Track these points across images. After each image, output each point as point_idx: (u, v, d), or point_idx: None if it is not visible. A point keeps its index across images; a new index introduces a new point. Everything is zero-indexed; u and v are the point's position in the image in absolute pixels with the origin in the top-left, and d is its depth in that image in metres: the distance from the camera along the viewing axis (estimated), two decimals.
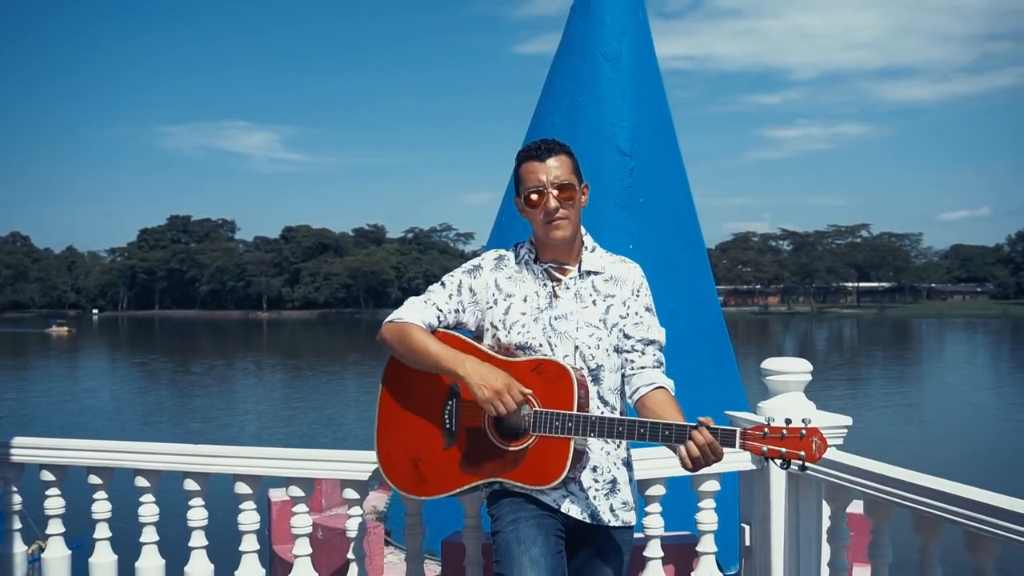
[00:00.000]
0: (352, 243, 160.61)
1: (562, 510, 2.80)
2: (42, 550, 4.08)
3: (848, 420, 3.57)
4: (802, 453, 2.39)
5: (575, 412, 2.63)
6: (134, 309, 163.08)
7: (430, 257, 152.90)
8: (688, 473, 2.93)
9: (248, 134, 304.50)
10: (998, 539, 2.60)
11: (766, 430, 2.42)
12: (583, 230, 2.96)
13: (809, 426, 2.40)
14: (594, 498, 2.85)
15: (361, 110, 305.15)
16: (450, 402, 2.81)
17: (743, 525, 3.70)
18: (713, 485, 3.61)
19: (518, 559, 2.69)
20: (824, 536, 3.55)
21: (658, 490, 3.53)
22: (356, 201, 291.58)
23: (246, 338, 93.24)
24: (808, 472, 3.41)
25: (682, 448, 2.51)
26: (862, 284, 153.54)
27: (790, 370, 3.62)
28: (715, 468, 3.56)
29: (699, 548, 3.66)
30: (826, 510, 3.52)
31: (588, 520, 2.83)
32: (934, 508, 2.82)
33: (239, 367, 56.06)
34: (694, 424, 2.49)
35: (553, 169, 2.83)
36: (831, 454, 3.35)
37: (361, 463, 3.48)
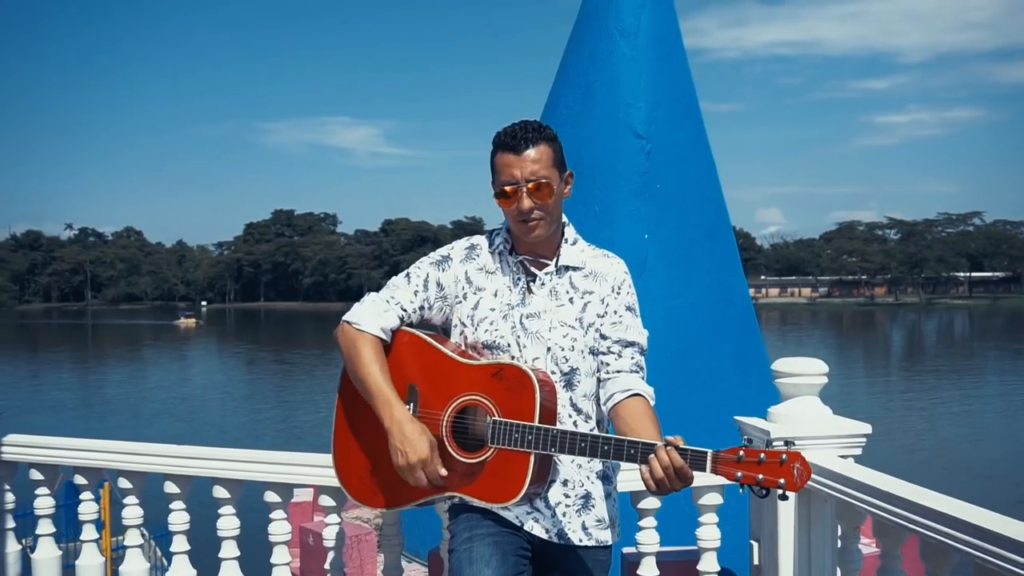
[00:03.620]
0: (450, 236, 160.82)
1: (525, 528, 2.54)
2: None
3: (867, 428, 3.19)
4: (782, 481, 2.08)
5: (536, 424, 2.37)
6: (240, 301, 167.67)
7: None
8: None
9: (350, 129, 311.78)
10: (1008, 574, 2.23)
11: (742, 453, 2.13)
12: (565, 219, 2.69)
13: (791, 450, 2.09)
14: (563, 515, 2.58)
15: (459, 103, 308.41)
16: (408, 406, 2.57)
17: (752, 542, 3.35)
18: (715, 498, 3.29)
19: None
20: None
21: (652, 503, 3.23)
22: (454, 194, 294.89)
23: None
24: (818, 487, 3.06)
25: (643, 468, 2.23)
26: (974, 274, 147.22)
27: (803, 372, 3.25)
28: (719, 479, 3.27)
29: (700, 567, 3.34)
30: (838, 530, 3.16)
31: (555, 540, 2.57)
32: (942, 535, 2.46)
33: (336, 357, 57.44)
34: (663, 443, 2.20)
35: (529, 164, 2.52)
36: (842, 468, 3.00)
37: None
